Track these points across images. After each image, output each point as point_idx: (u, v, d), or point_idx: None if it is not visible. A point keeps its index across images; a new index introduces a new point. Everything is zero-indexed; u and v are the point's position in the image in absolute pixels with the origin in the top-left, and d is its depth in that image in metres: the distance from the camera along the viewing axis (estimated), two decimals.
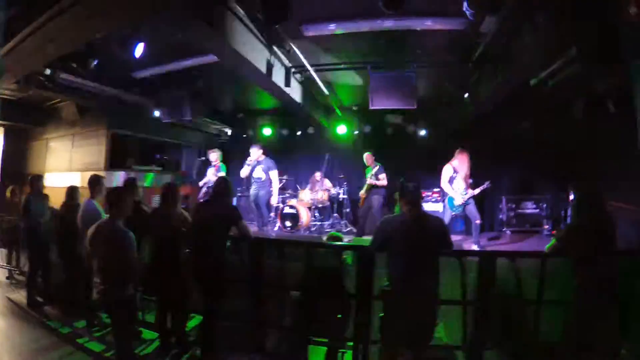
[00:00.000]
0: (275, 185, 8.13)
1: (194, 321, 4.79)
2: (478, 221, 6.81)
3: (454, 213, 6.98)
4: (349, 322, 4.04)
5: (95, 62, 5.73)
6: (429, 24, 4.81)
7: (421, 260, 3.17)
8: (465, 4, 3.67)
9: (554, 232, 8.02)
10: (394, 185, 7.69)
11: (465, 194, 6.73)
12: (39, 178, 6.06)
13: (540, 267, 3.85)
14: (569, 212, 7.19)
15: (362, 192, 8.39)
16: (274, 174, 8.04)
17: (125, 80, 7.27)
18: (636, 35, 3.53)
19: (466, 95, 6.51)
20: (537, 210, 8.87)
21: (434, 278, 3.23)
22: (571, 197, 3.68)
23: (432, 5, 4.51)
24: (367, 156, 8.32)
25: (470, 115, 7.64)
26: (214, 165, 8.16)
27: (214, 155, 8.21)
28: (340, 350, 4.19)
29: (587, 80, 5.69)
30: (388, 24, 4.82)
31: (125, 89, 7.47)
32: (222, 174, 7.87)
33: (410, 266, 3.15)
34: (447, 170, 6.96)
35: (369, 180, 8.10)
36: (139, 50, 5.01)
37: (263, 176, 7.99)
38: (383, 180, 8.00)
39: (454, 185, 6.85)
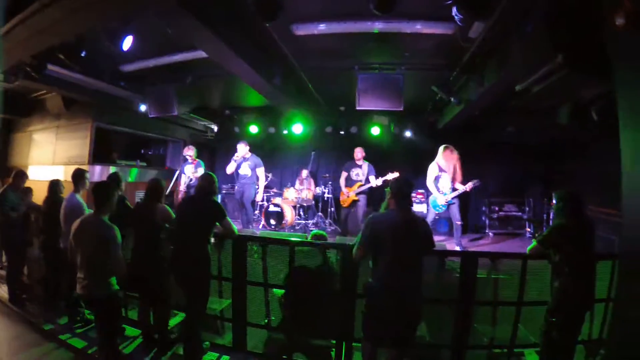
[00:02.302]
0: (262, 182, 8.14)
1: (177, 318, 4.78)
2: (459, 222, 6.86)
3: (437, 212, 7.03)
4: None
5: (82, 54, 5.64)
6: (418, 27, 4.84)
7: (407, 259, 3.20)
8: (454, 9, 3.70)
9: (536, 234, 8.17)
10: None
11: (451, 193, 6.79)
12: (21, 174, 5.89)
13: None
14: (552, 215, 7.36)
15: (351, 193, 8.03)
16: (260, 171, 8.05)
17: (113, 73, 7.16)
18: (622, 44, 3.60)
19: (452, 98, 6.56)
20: (520, 213, 9.03)
21: (418, 277, 3.26)
22: (553, 201, 3.76)
23: (422, 9, 4.52)
24: (358, 150, 8.12)
25: (456, 119, 7.71)
26: (192, 162, 8.10)
27: (190, 152, 8.14)
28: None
29: (573, 88, 5.79)
30: (378, 25, 4.84)
31: (112, 83, 7.36)
32: (201, 169, 7.84)
33: (397, 265, 3.18)
34: (432, 169, 6.95)
35: (373, 181, 7.85)
36: (127, 43, 4.95)
37: (249, 173, 7.99)
38: (378, 180, 7.77)
39: (439, 185, 6.88)
